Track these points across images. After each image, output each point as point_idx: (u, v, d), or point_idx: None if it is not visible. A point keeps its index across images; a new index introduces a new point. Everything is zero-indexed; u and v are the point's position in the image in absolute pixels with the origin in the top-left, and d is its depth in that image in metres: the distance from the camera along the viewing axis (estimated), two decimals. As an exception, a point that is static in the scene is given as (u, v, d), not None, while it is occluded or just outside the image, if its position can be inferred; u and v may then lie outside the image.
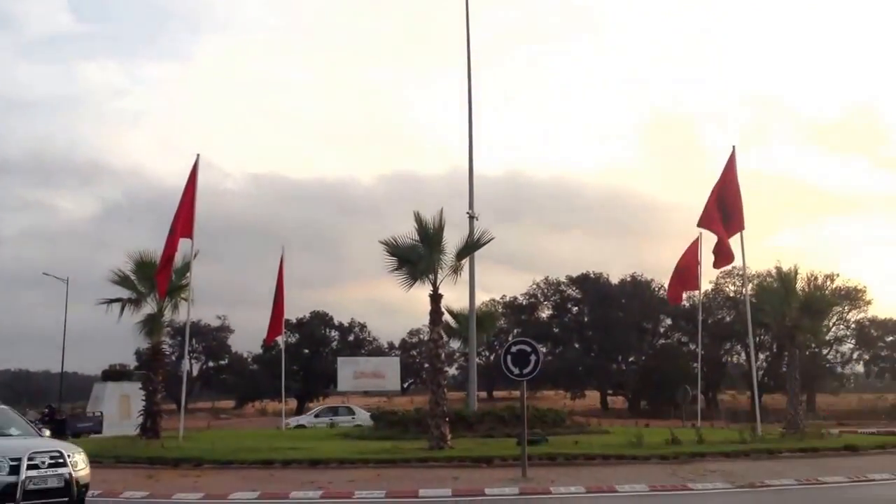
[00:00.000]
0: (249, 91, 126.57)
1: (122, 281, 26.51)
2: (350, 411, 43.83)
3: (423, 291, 22.75)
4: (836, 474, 17.32)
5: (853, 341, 71.13)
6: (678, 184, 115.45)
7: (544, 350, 66.09)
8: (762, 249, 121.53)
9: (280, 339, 42.70)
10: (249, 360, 74.90)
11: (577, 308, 75.14)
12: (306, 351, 73.21)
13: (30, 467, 11.36)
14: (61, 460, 11.77)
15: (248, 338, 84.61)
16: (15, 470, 11.21)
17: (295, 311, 71.49)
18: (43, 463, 11.53)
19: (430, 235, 22.21)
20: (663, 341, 72.40)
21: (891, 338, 71.62)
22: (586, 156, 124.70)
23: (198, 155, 26.39)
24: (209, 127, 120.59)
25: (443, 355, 23.42)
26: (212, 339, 75.70)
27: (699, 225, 28.35)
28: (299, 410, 65.92)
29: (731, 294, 64.84)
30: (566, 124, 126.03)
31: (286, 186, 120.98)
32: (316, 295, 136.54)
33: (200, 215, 26.21)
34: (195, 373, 75.05)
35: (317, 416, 41.82)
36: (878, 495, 15.18)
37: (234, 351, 76.92)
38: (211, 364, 78.18)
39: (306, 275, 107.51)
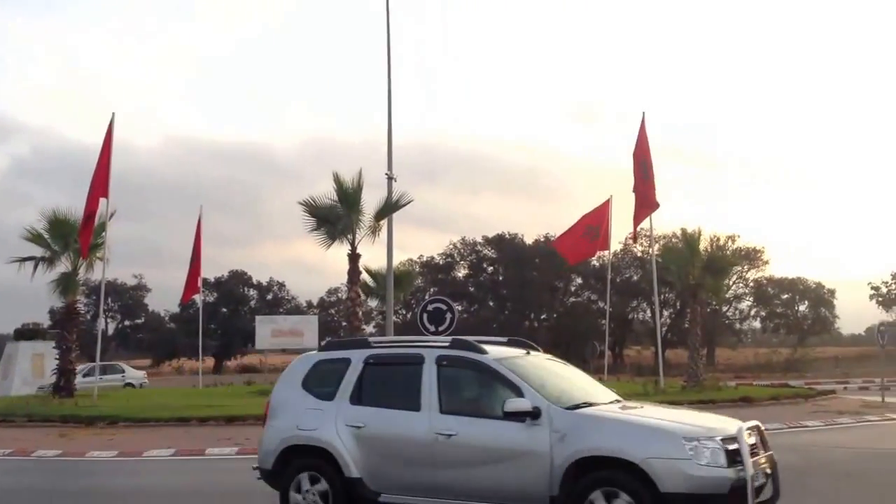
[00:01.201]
0: (165, 51, 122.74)
1: (36, 239, 25.68)
2: (120, 370, 43.10)
3: (341, 251, 22.69)
4: (732, 424, 17.94)
5: (751, 299, 73.67)
6: (593, 149, 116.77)
7: (460, 308, 66.56)
8: (669, 212, 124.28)
9: (197, 298, 42.04)
10: (166, 318, 73.63)
11: (492, 268, 75.80)
12: (224, 310, 72.25)
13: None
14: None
15: (165, 297, 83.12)
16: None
17: (213, 270, 70.53)
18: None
19: (349, 196, 22.10)
20: (574, 299, 73.69)
21: (786, 295, 74.32)
22: (505, 120, 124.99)
23: (113, 114, 25.76)
24: (125, 85, 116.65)
25: (360, 313, 23.47)
26: (128, 297, 74.08)
27: (635, 189, 28.77)
28: (217, 369, 65.21)
29: (639, 254, 66.24)
30: (487, 90, 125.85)
31: (204, 146, 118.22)
32: (234, 254, 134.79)
33: (117, 174, 25.60)
34: (111, 332, 73.42)
35: (85, 375, 34.52)
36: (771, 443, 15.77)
37: (151, 310, 75.51)
38: (127, 323, 76.60)
39: (225, 234, 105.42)
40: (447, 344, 8.48)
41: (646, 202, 27.68)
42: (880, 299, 78.30)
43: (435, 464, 7.76)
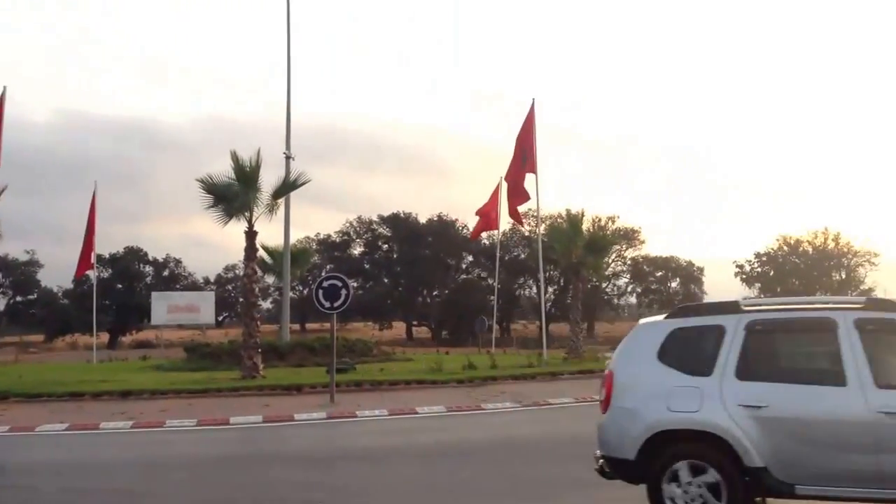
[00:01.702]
0: (56, 25, 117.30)
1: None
2: None
3: (239, 228, 22.33)
4: (608, 393, 18.61)
5: (628, 276, 75.86)
6: (487, 133, 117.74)
7: (355, 285, 66.47)
8: (554, 192, 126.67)
9: (91, 274, 40.65)
10: (60, 295, 70.80)
11: (387, 245, 75.75)
12: (120, 286, 69.95)
13: None
14: None
15: (58, 273, 79.45)
16: None
17: (109, 246, 68.17)
18: None
19: (247, 174, 21.75)
20: (465, 276, 74.40)
21: (660, 273, 76.77)
22: (403, 102, 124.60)
23: (4, 87, 24.67)
24: (15, 59, 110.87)
25: (257, 289, 23.15)
26: (20, 273, 70.86)
27: (507, 177, 29.45)
28: (112, 345, 63.18)
29: (526, 233, 67.32)
30: (386, 72, 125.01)
31: (98, 122, 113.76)
32: (130, 230, 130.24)
33: (8, 149, 24.52)
34: (1, 307, 70.20)
35: None
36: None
37: (44, 286, 72.42)
38: (19, 299, 73.31)
39: (121, 211, 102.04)
40: (861, 305, 7.04)
41: (517, 192, 28.41)
42: (744, 276, 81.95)
43: (880, 448, 6.35)
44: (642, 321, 7.92)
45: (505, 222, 43.65)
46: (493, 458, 10.88)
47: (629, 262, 74.44)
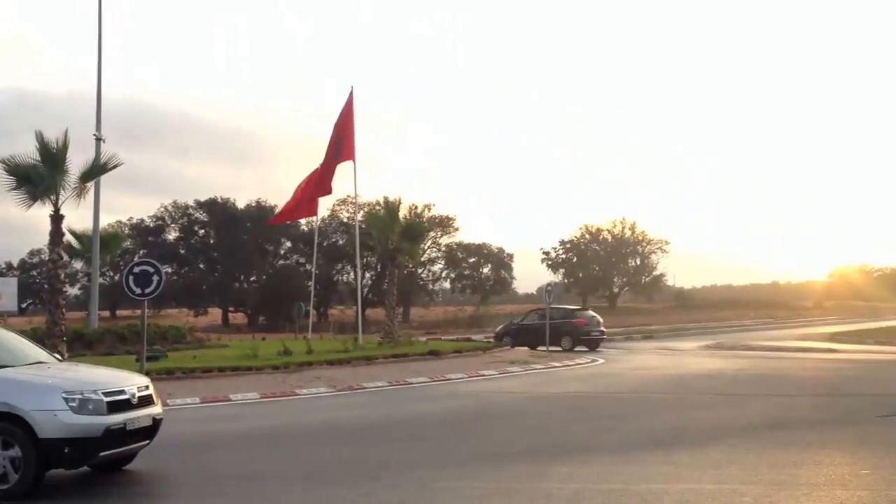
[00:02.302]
0: None
1: None
2: None
3: (45, 211, 20.81)
4: (421, 375, 18.94)
5: (443, 262, 77.40)
6: (309, 118, 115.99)
7: (169, 270, 63.84)
8: (373, 180, 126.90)
9: None
10: None
11: (203, 230, 73.24)
12: (-89, 271, 63.83)
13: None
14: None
15: None
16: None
17: None
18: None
19: (53, 155, 20.26)
20: (283, 262, 73.31)
21: (473, 259, 78.86)
22: (221, 86, 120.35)
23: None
24: None
25: (63, 275, 21.66)
26: None
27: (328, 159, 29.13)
28: None
29: (345, 220, 67.11)
30: (203, 56, 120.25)
31: None
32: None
33: None
34: None
35: None
36: (451, 391, 16.83)
37: None
38: None
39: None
40: None
41: (321, 183, 28.30)
42: (550, 263, 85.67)
43: None
44: None
45: (324, 208, 43.45)
46: (304, 443, 10.77)
47: (444, 248, 75.88)
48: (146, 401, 8.45)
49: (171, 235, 72.90)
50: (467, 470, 8.52)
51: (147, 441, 8.51)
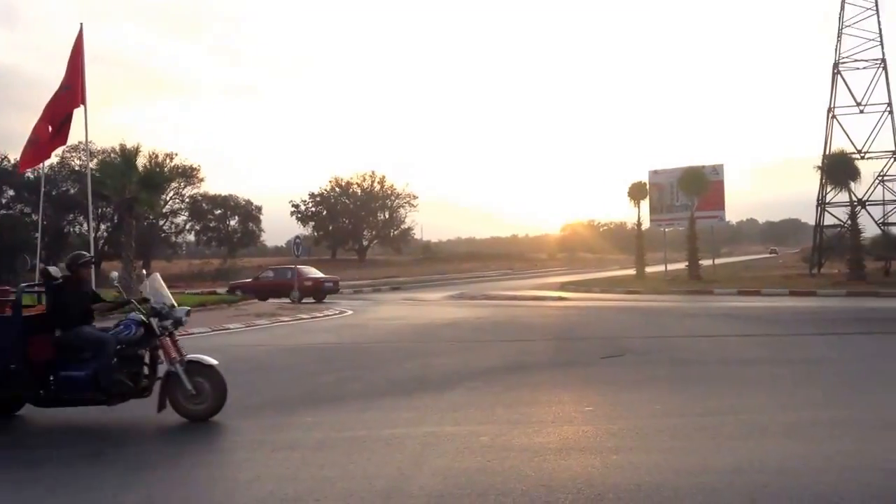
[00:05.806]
0: None
1: None
2: None
3: None
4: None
5: (187, 213, 74.20)
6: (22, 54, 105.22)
7: None
8: (106, 126, 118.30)
9: None
10: None
11: None
12: None
13: None
14: None
15: None
16: None
17: None
18: None
19: None
20: (5, 212, 66.67)
21: (219, 211, 76.30)
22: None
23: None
24: None
25: None
26: None
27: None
28: None
29: (77, 168, 62.16)
30: None
31: None
32: None
33: None
34: None
35: None
36: (193, 346, 16.16)
37: None
38: None
39: None
40: None
41: (60, 135, 25.42)
42: (299, 215, 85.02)
43: None
44: None
45: (53, 155, 39.68)
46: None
47: (188, 199, 72.77)
48: None
49: None
50: (210, 424, 8.23)
51: None
